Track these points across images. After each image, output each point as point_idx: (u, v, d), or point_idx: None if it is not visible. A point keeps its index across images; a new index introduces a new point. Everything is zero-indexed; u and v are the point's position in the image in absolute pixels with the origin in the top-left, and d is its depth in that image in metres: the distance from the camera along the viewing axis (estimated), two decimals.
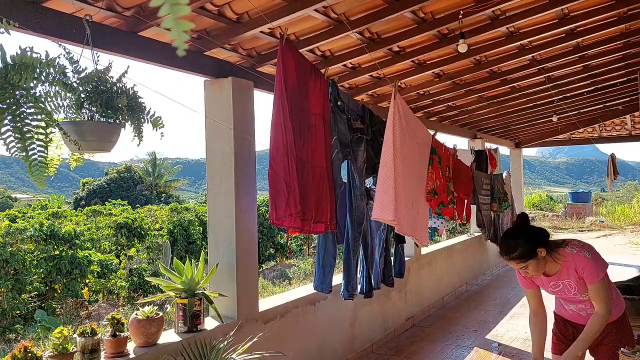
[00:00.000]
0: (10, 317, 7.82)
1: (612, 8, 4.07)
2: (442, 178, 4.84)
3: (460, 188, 5.66)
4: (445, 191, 4.95)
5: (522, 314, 6.40)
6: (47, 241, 8.66)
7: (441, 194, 4.76)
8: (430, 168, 4.49)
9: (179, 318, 3.13)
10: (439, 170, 4.76)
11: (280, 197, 2.92)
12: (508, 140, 10.81)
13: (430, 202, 4.48)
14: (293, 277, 11.69)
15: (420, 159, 4.23)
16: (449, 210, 5.09)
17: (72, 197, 36.27)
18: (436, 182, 4.63)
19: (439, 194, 4.67)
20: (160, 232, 12.05)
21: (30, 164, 1.72)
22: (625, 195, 27.88)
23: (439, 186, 4.68)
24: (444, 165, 4.98)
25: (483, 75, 5.58)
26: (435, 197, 4.60)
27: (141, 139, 2.23)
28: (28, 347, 2.37)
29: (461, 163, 6.03)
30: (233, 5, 3.05)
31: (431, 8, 3.66)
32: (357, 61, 4.37)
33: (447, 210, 4.98)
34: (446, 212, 4.97)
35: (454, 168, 5.47)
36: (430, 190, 4.43)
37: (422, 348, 5.19)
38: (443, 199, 4.82)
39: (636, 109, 8.62)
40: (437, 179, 4.68)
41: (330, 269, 3.96)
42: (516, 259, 2.43)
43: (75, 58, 2.11)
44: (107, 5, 2.64)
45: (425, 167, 4.36)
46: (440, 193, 4.74)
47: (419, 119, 4.66)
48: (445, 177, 5.00)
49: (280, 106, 2.93)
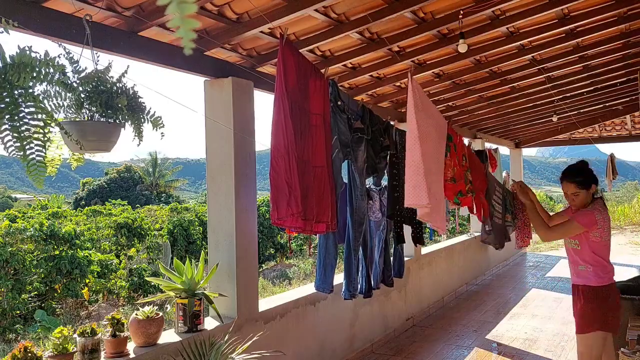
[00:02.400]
0: (10, 317, 7.82)
1: (612, 8, 4.06)
2: (458, 165, 4.69)
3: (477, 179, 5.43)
4: (463, 179, 4.82)
5: (522, 314, 6.40)
6: (47, 241, 8.66)
7: (459, 180, 4.63)
8: (449, 154, 4.35)
9: (179, 318, 3.12)
10: (455, 158, 4.61)
11: (282, 197, 2.92)
12: (508, 140, 10.80)
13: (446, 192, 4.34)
14: (293, 277, 11.69)
15: (439, 144, 4.07)
16: (468, 200, 4.90)
17: (72, 197, 36.27)
18: (454, 169, 4.52)
19: (456, 181, 4.55)
20: (160, 232, 12.06)
21: (28, 163, 1.71)
22: (625, 195, 27.88)
23: (456, 173, 4.58)
24: (460, 154, 4.84)
25: (483, 75, 5.57)
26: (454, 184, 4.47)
27: (141, 139, 2.23)
28: (28, 347, 2.37)
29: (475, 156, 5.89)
30: (233, 5, 3.05)
31: (431, 8, 3.66)
32: (357, 61, 4.37)
33: (465, 200, 4.82)
34: (465, 201, 4.81)
35: (470, 159, 5.31)
36: (450, 178, 4.36)
37: (422, 348, 5.19)
38: (461, 187, 4.68)
39: (636, 109, 8.62)
40: (455, 166, 4.56)
41: (331, 269, 3.96)
42: (578, 183, 3.08)
43: (75, 58, 2.11)
44: (107, 5, 2.64)
45: (443, 153, 4.20)
46: (458, 180, 4.61)
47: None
48: (462, 165, 4.84)
49: (281, 106, 2.93)
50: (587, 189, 3.09)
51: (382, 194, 4.72)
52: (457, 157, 4.68)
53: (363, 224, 4.11)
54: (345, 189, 3.97)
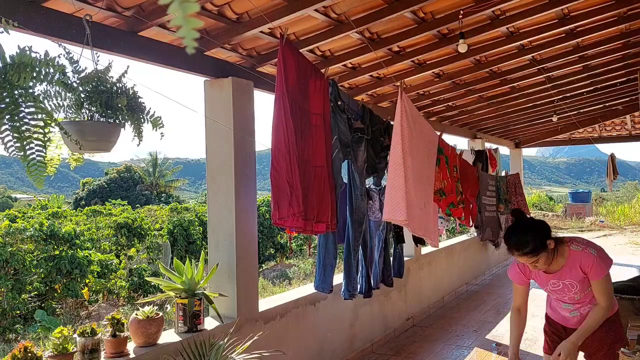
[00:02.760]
0: (10, 317, 7.82)
1: (612, 8, 4.06)
2: (449, 178, 4.76)
3: (468, 189, 5.58)
4: (454, 191, 4.88)
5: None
6: (47, 241, 8.66)
7: (449, 194, 4.69)
8: (437, 168, 4.42)
9: (179, 318, 3.13)
10: (446, 170, 4.69)
11: (283, 197, 2.92)
12: (508, 140, 10.80)
13: (438, 203, 4.42)
14: (293, 277, 11.69)
15: (428, 158, 4.16)
16: (459, 211, 5.00)
17: (72, 197, 36.26)
18: (443, 182, 4.57)
19: (447, 194, 4.61)
20: (160, 232, 12.06)
21: (28, 163, 1.71)
22: (625, 195, 27.88)
23: (446, 186, 4.63)
24: (451, 165, 4.91)
25: (483, 75, 5.57)
26: (444, 198, 4.53)
27: (141, 139, 2.23)
28: (28, 347, 2.37)
29: (467, 164, 5.97)
30: (233, 5, 3.05)
31: (431, 8, 3.66)
32: (357, 61, 4.37)
33: (457, 211, 4.91)
34: (456, 212, 4.90)
35: (461, 169, 5.41)
36: (437, 190, 4.38)
37: (422, 348, 5.19)
38: (452, 199, 4.75)
39: (636, 109, 8.62)
40: (445, 179, 4.62)
41: (331, 269, 3.96)
42: (529, 253, 2.41)
43: (75, 58, 2.11)
44: (107, 5, 2.64)
45: (433, 167, 4.28)
46: (449, 193, 4.67)
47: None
48: (453, 177, 4.92)
49: (282, 106, 2.93)
50: (543, 249, 2.41)
51: (382, 194, 4.72)
52: (448, 169, 4.73)
53: (363, 224, 4.11)
54: (345, 188, 3.97)
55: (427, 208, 3.91)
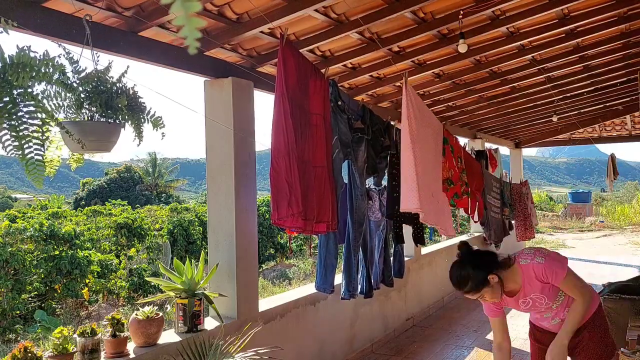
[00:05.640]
0: (10, 317, 7.82)
1: (612, 8, 4.06)
2: (455, 167, 4.74)
3: (473, 181, 5.49)
4: (460, 181, 4.85)
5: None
6: (47, 241, 8.66)
7: (456, 182, 4.67)
8: (444, 157, 4.40)
9: (179, 318, 3.12)
10: (452, 160, 4.63)
11: (282, 197, 2.92)
12: (508, 140, 10.80)
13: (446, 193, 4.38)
14: (293, 277, 11.69)
15: (435, 148, 4.14)
16: (464, 201, 4.94)
17: (72, 197, 36.25)
18: (450, 171, 4.54)
19: (454, 183, 4.58)
20: (160, 232, 12.06)
21: (27, 162, 1.71)
22: (625, 195, 27.88)
23: (453, 175, 4.60)
24: (456, 156, 4.86)
25: (483, 75, 5.57)
26: (451, 187, 4.50)
27: (141, 139, 2.23)
28: (28, 347, 2.37)
29: (471, 157, 5.94)
30: (233, 5, 3.05)
31: (431, 8, 3.66)
32: (357, 61, 4.37)
33: (461, 202, 4.85)
34: (460, 203, 4.85)
35: (466, 161, 5.38)
36: (445, 179, 4.36)
37: (422, 348, 5.19)
38: (457, 189, 4.72)
39: (636, 109, 8.61)
40: (451, 168, 4.59)
41: (332, 269, 3.96)
42: (470, 291, 2.36)
43: (75, 58, 2.11)
44: (107, 5, 2.64)
45: (440, 156, 4.25)
46: (455, 182, 4.65)
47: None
48: (458, 167, 4.90)
49: (281, 106, 2.93)
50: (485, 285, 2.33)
51: (382, 194, 4.72)
52: (453, 159, 4.71)
53: (363, 224, 4.11)
54: (345, 189, 3.97)
55: (435, 197, 3.88)
